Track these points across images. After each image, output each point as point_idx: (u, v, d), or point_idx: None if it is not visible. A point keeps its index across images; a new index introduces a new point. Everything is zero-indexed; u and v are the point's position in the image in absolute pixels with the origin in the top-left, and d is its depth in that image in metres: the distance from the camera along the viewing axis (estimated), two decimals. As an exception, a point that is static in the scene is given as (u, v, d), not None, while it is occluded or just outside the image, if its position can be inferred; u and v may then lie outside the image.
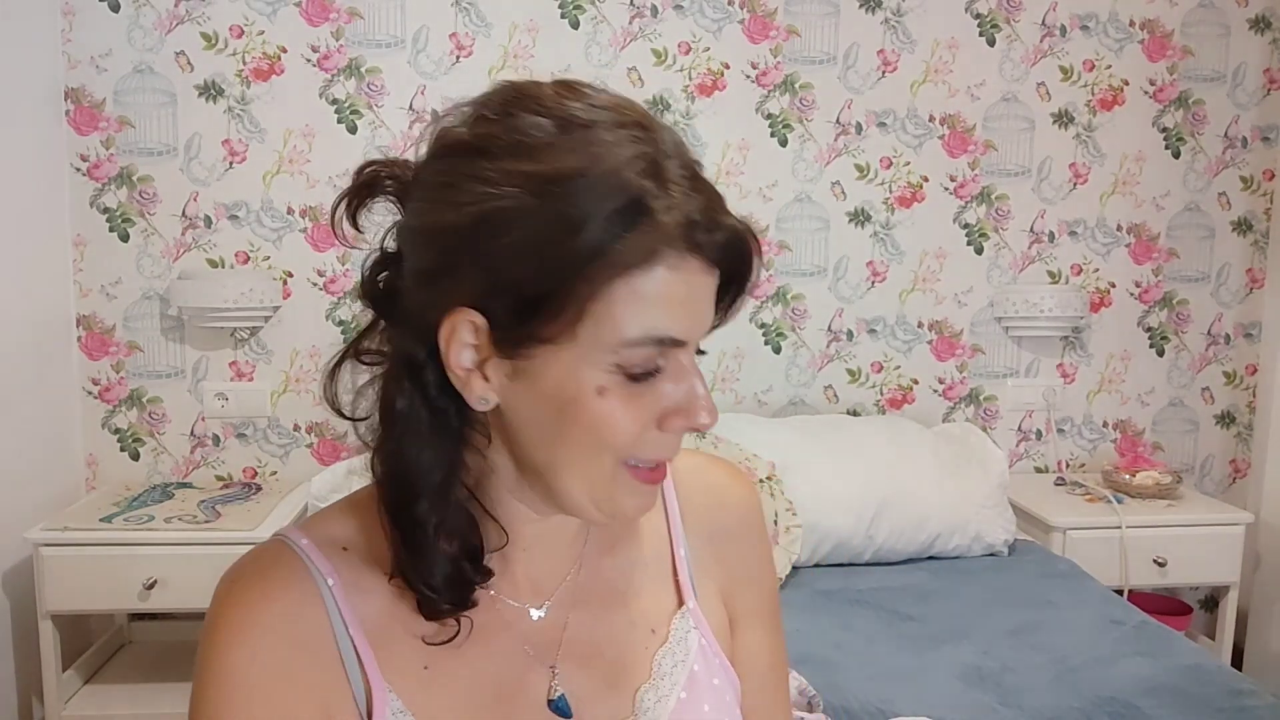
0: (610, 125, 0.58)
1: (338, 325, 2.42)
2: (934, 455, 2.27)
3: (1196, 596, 2.72)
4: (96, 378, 2.39)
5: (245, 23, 2.32)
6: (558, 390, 0.59)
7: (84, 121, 2.31)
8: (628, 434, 0.60)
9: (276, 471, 2.45)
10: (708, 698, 0.71)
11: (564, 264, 0.55)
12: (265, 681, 0.61)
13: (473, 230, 0.57)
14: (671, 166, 0.58)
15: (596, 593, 0.72)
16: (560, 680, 0.68)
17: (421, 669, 0.65)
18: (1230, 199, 2.64)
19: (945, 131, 2.53)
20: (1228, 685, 1.57)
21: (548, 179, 0.55)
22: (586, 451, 0.60)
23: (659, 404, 0.60)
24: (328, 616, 0.63)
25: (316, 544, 0.65)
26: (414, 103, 2.38)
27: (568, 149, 0.56)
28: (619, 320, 0.57)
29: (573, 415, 0.59)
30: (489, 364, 0.60)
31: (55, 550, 2.00)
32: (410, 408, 0.62)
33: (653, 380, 0.60)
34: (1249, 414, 2.72)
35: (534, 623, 0.69)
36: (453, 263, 0.58)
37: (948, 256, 2.57)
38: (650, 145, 0.58)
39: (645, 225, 0.55)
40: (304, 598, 0.63)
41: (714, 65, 2.44)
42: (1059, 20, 2.53)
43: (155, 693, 2.15)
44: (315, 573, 0.64)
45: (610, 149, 0.56)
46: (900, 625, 1.84)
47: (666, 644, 0.72)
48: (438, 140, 0.62)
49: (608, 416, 0.59)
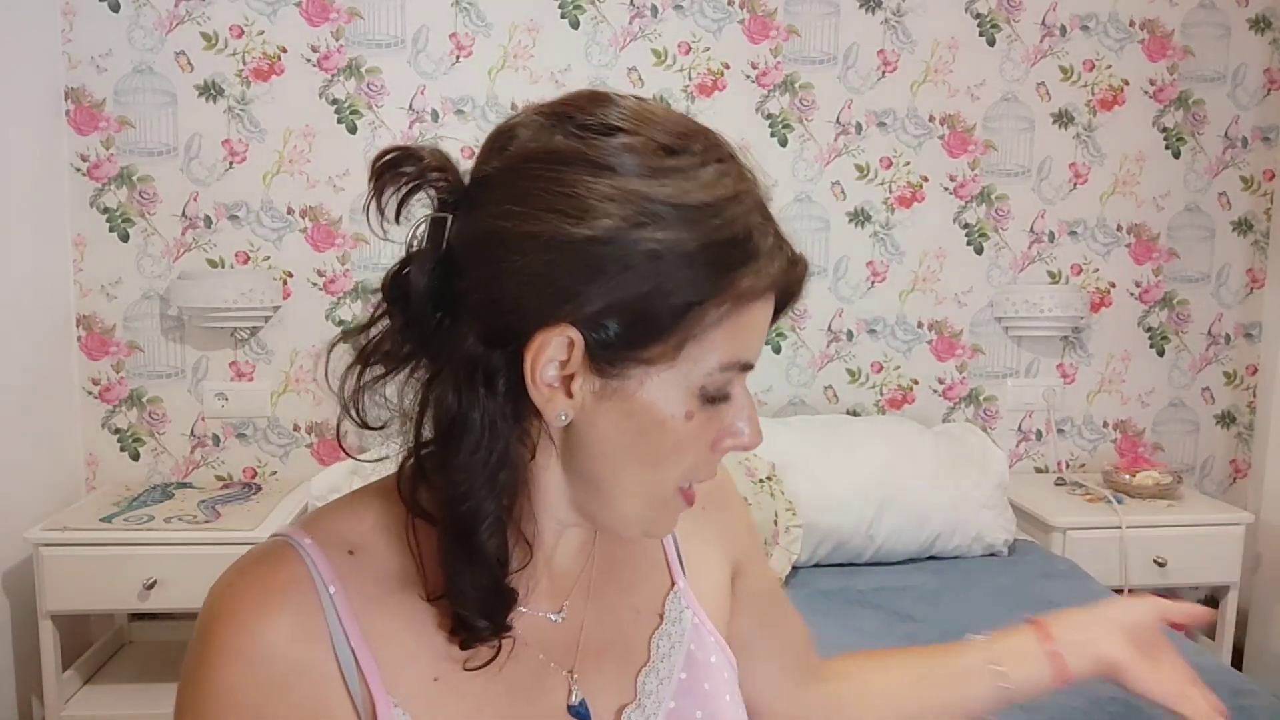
0: (717, 156, 0.59)
1: (338, 325, 2.42)
2: (934, 455, 2.27)
3: (1196, 596, 2.71)
4: (96, 378, 2.39)
5: (245, 23, 2.32)
6: (646, 411, 0.59)
7: (84, 121, 2.31)
8: (696, 456, 0.62)
9: (276, 471, 2.45)
10: (706, 676, 0.72)
11: (687, 292, 0.56)
12: (259, 702, 0.58)
13: (598, 247, 0.55)
14: (766, 204, 0.61)
15: (605, 586, 0.72)
16: (578, 683, 0.67)
17: (431, 681, 0.62)
18: (1230, 199, 2.64)
19: (945, 131, 2.53)
20: (1227, 685, 1.57)
21: (679, 206, 0.56)
22: (656, 473, 0.61)
23: (719, 426, 0.62)
24: (328, 629, 0.60)
25: (321, 545, 0.62)
26: (414, 103, 2.38)
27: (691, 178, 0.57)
28: (719, 347, 0.58)
29: (656, 437, 0.59)
30: (575, 380, 0.58)
31: (55, 550, 2.00)
32: (484, 420, 0.58)
33: (723, 404, 0.61)
34: (1249, 414, 2.72)
35: (553, 626, 0.68)
36: (563, 275, 0.55)
37: (948, 256, 2.57)
38: (750, 183, 0.60)
39: (758, 264, 0.58)
40: (304, 609, 0.60)
41: (714, 65, 2.44)
42: (1059, 20, 2.53)
43: (155, 693, 2.15)
44: (317, 579, 0.61)
45: (728, 184, 0.58)
46: (900, 625, 1.84)
47: (662, 625, 0.72)
48: (530, 144, 0.58)
49: (691, 439, 0.60)
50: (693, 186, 0.56)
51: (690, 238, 0.56)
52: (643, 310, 0.56)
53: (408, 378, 0.62)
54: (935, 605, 1.93)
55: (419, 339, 0.60)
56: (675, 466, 0.62)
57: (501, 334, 0.57)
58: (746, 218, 0.58)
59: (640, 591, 0.74)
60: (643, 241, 0.55)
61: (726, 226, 0.57)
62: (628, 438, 0.60)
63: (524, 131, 0.59)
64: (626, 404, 0.58)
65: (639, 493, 0.62)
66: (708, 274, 0.56)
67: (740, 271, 0.57)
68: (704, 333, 0.57)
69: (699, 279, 0.56)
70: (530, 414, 0.59)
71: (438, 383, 0.59)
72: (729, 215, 0.57)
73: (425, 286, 0.59)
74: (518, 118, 0.61)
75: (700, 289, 0.56)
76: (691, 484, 0.64)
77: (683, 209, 0.56)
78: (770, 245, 0.59)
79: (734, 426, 0.62)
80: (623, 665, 0.70)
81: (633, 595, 0.73)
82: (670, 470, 0.62)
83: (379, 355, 0.62)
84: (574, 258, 0.55)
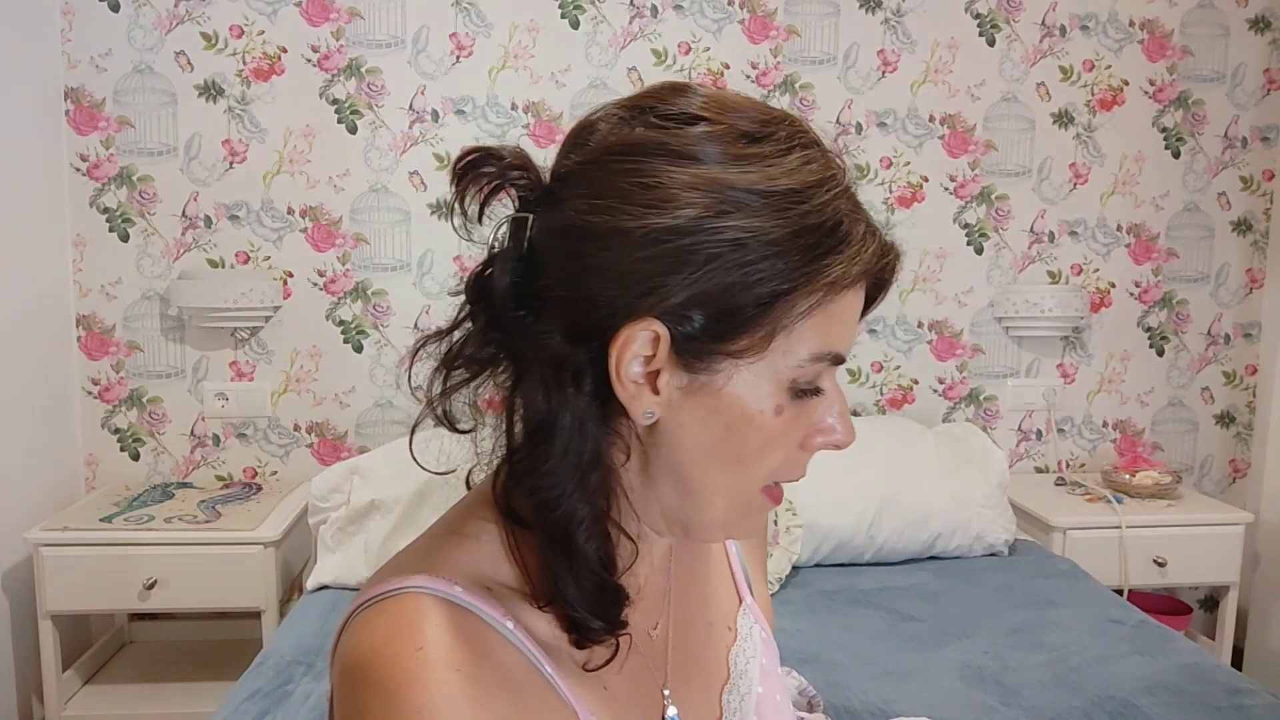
0: (801, 142, 0.58)
1: (338, 325, 2.42)
2: (934, 455, 2.27)
3: (1196, 596, 2.72)
4: (96, 378, 2.39)
5: (245, 23, 2.32)
6: (735, 406, 0.57)
7: (84, 121, 2.31)
8: (786, 454, 0.60)
9: (277, 471, 2.45)
10: (777, 687, 0.73)
11: (775, 281, 0.54)
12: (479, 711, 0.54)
13: (681, 238, 0.54)
14: (854, 192, 0.59)
15: (684, 601, 0.71)
16: (671, 697, 0.67)
17: (603, 689, 0.62)
18: (1230, 199, 2.64)
19: (945, 131, 2.53)
20: (1227, 685, 1.57)
21: (765, 194, 0.54)
22: (744, 471, 0.59)
23: (809, 423, 0.60)
24: (527, 659, 0.58)
25: (469, 591, 0.58)
26: (414, 103, 2.38)
27: (775, 164, 0.55)
28: (808, 338, 0.56)
29: (744, 433, 0.57)
30: (661, 376, 0.56)
31: (55, 550, 2.00)
32: (573, 419, 0.56)
33: (812, 399, 0.59)
34: (1248, 414, 2.72)
35: (650, 641, 0.68)
36: (647, 268, 0.54)
37: (948, 256, 2.57)
38: (838, 169, 0.58)
39: (850, 252, 0.56)
40: (502, 648, 0.57)
41: (714, 65, 2.44)
42: (1059, 20, 2.53)
43: (155, 693, 2.15)
44: (489, 620, 0.57)
45: (814, 169, 0.57)
46: (901, 625, 1.84)
47: (737, 641, 0.73)
48: (611, 137, 0.58)
49: (780, 435, 0.58)
50: (778, 173, 0.55)
51: (776, 225, 0.54)
52: (729, 301, 0.54)
53: (487, 380, 0.60)
54: (936, 605, 1.93)
55: (502, 339, 0.59)
56: (763, 465, 0.59)
57: (586, 330, 0.56)
58: (835, 204, 0.56)
59: (713, 607, 0.74)
60: (727, 230, 0.53)
61: (814, 213, 0.55)
62: (715, 434, 0.57)
63: (604, 125, 0.58)
64: (714, 399, 0.57)
65: (727, 492, 0.60)
66: (796, 262, 0.54)
67: (830, 260, 0.55)
68: (793, 324, 0.55)
69: (787, 268, 0.54)
70: (618, 413, 0.57)
71: (524, 384, 0.57)
72: (817, 202, 0.55)
73: (508, 285, 0.58)
74: (598, 112, 0.60)
75: (789, 278, 0.54)
76: (778, 484, 0.62)
77: (768, 196, 0.54)
78: (861, 233, 0.57)
79: (824, 423, 0.60)
80: (707, 682, 0.70)
81: (708, 610, 0.73)
82: (758, 469, 0.59)
83: (463, 359, 0.60)
84: (657, 249, 0.54)
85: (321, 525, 2.03)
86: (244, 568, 2.01)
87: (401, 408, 2.46)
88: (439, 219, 2.41)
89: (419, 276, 2.42)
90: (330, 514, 2.03)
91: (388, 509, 1.99)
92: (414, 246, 2.41)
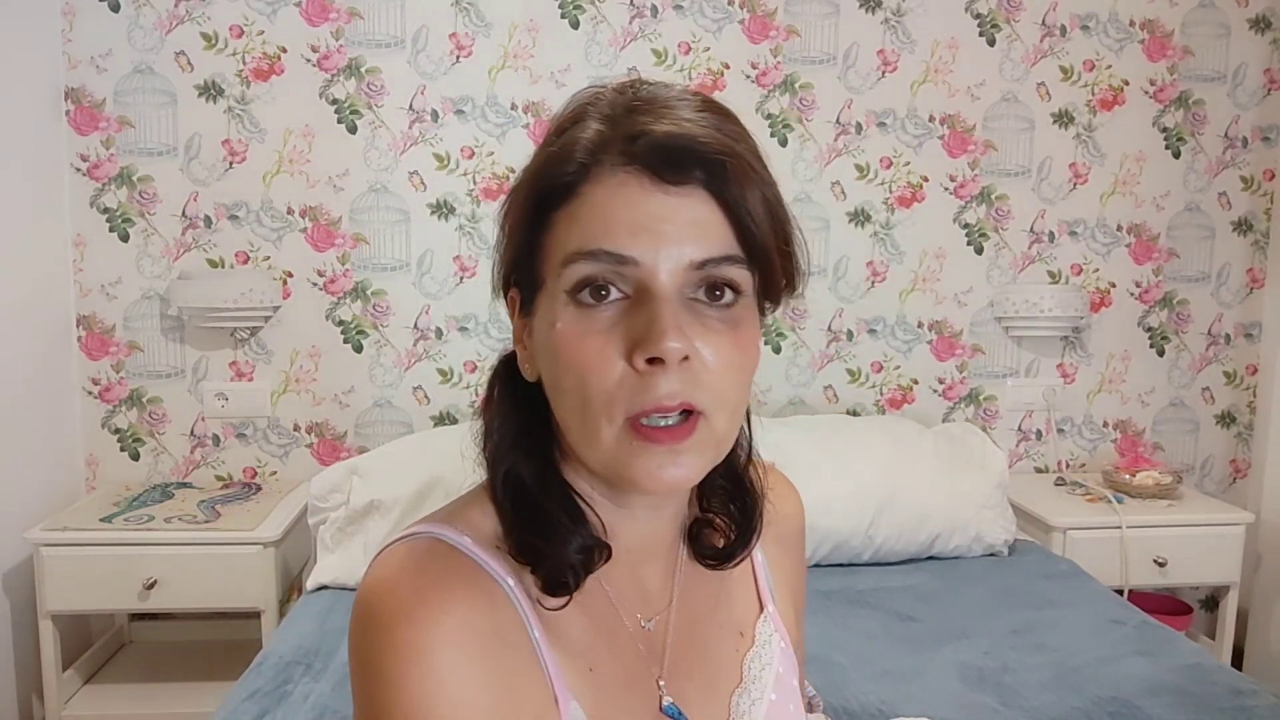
0: (606, 85, 0.64)
1: (337, 325, 2.42)
2: (934, 455, 2.27)
3: (1196, 596, 2.72)
4: (96, 378, 2.39)
5: (245, 23, 2.32)
6: (540, 330, 0.61)
7: (84, 121, 2.31)
8: (592, 369, 0.57)
9: (276, 471, 2.45)
10: (791, 698, 0.73)
11: (525, 210, 0.61)
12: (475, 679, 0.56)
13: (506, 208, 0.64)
14: (627, 98, 0.61)
15: (693, 599, 0.72)
16: (666, 688, 0.68)
17: (588, 671, 0.63)
18: (1230, 199, 2.64)
19: (945, 131, 2.53)
20: (1228, 685, 1.57)
21: (539, 145, 0.63)
22: (575, 401, 0.58)
23: (626, 339, 0.57)
24: (520, 616, 0.60)
25: (479, 542, 0.61)
26: (414, 103, 2.38)
27: (560, 114, 0.64)
28: (561, 243, 0.59)
29: (554, 354, 0.59)
30: (524, 330, 0.64)
31: (55, 550, 2.00)
32: (504, 388, 0.67)
33: (607, 306, 0.57)
34: (1249, 414, 2.72)
35: (646, 633, 0.68)
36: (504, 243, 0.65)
37: (948, 256, 2.57)
38: (625, 87, 0.62)
39: (565, 145, 0.60)
40: (496, 598, 0.59)
41: (714, 65, 2.44)
42: (1059, 20, 2.53)
43: (155, 693, 2.16)
44: (492, 572, 0.60)
45: (588, 100, 0.63)
46: (900, 625, 1.84)
47: (754, 648, 0.73)
48: None
49: (562, 349, 0.58)
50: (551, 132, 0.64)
51: (528, 166, 0.64)
52: (514, 247, 0.63)
53: None
54: (935, 605, 1.93)
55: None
56: (583, 385, 0.57)
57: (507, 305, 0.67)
58: (563, 119, 0.63)
59: (728, 609, 0.74)
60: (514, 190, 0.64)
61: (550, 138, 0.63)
62: (546, 363, 0.61)
63: None
64: (537, 334, 0.62)
65: (577, 429, 0.59)
66: (534, 186, 0.61)
67: (551, 165, 0.60)
68: (548, 238, 0.60)
69: (529, 194, 0.62)
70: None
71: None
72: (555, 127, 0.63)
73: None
74: None
75: (531, 202, 0.61)
76: (647, 420, 0.57)
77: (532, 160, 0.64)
78: (583, 131, 0.60)
79: (642, 334, 0.56)
80: (714, 682, 0.70)
81: (719, 612, 0.73)
82: (582, 394, 0.57)
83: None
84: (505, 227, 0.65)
85: (321, 525, 2.03)
86: (244, 568, 2.01)
87: (401, 408, 2.46)
88: (439, 219, 2.41)
89: (419, 276, 2.42)
90: (330, 514, 2.03)
91: (387, 509, 1.99)
92: (414, 246, 2.41)
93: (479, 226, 2.41)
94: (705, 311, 0.58)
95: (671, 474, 0.58)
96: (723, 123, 0.60)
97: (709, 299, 0.58)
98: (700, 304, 0.58)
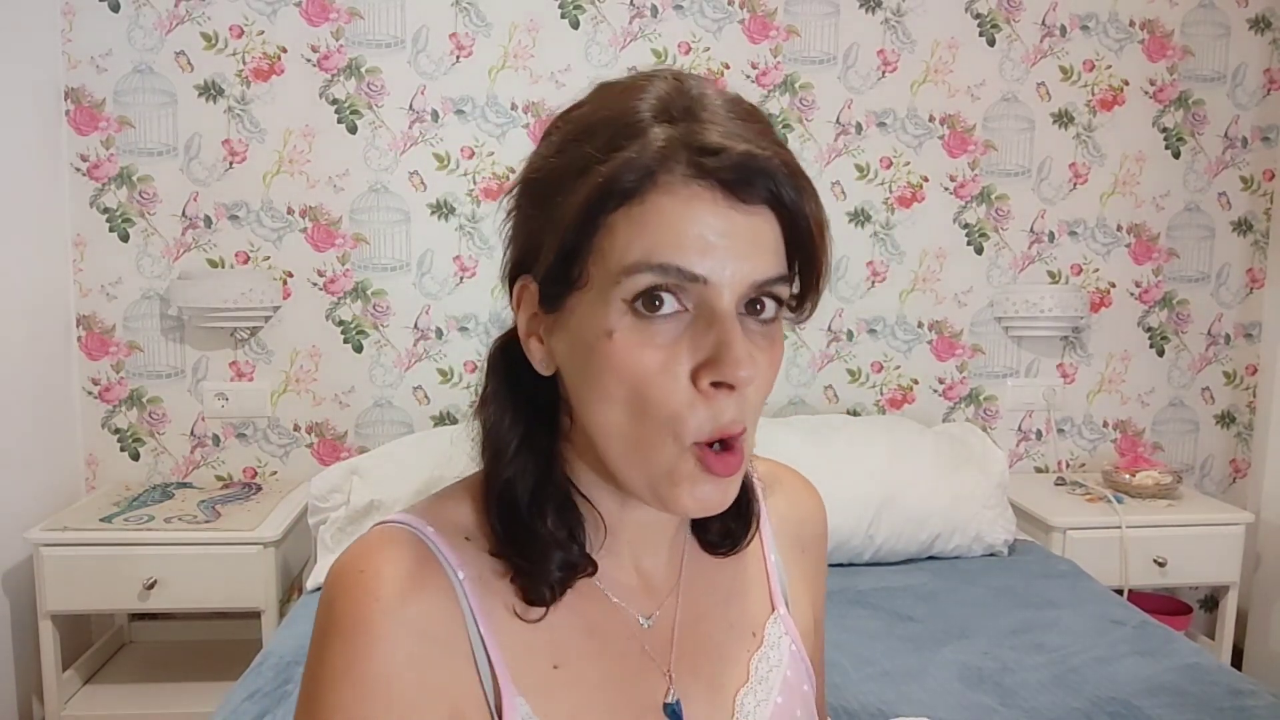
0: (642, 82, 0.59)
1: (338, 325, 2.42)
2: (934, 455, 2.27)
3: (1196, 596, 2.72)
4: (96, 378, 2.39)
5: (245, 23, 2.32)
6: (580, 336, 0.58)
7: (84, 121, 2.31)
8: (654, 384, 0.56)
9: (276, 471, 2.45)
10: (799, 702, 0.72)
11: (573, 204, 0.57)
12: (407, 687, 0.57)
13: (519, 196, 0.62)
14: (683, 100, 0.57)
15: (700, 593, 0.71)
16: (674, 684, 0.67)
17: (551, 669, 0.63)
18: (1230, 199, 2.64)
19: (945, 131, 2.53)
20: (1228, 685, 1.57)
21: (567, 135, 0.59)
22: (628, 412, 0.57)
23: (691, 357, 0.56)
24: (461, 613, 0.60)
25: (442, 533, 0.62)
26: (414, 103, 2.38)
27: (593, 105, 0.60)
28: (620, 249, 0.56)
29: (595, 364, 0.57)
30: (543, 325, 0.61)
31: (55, 550, 2.00)
32: (503, 388, 0.64)
33: (666, 319, 0.56)
34: (1249, 414, 2.72)
35: (645, 630, 0.68)
36: (512, 231, 0.63)
37: (948, 256, 2.57)
38: (670, 87, 0.58)
39: (636, 148, 0.55)
40: (441, 593, 0.60)
41: (714, 65, 2.44)
42: (1059, 20, 2.53)
43: (155, 693, 2.16)
44: (445, 565, 0.61)
45: (630, 96, 0.58)
46: (900, 625, 1.84)
47: (762, 648, 0.73)
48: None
49: (631, 361, 0.56)
50: (588, 114, 0.60)
51: (573, 155, 0.59)
52: (546, 235, 0.59)
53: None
54: (935, 605, 1.93)
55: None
56: (652, 400, 0.56)
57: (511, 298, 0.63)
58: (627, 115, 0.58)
59: (738, 608, 0.73)
60: (539, 174, 0.60)
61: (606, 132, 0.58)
62: (578, 368, 0.59)
63: None
64: (569, 334, 0.59)
65: (623, 439, 0.58)
66: (590, 181, 0.57)
67: (617, 166, 0.55)
68: (605, 240, 0.56)
69: (582, 188, 0.57)
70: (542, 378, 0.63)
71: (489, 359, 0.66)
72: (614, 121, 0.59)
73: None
74: None
75: (584, 198, 0.56)
76: (718, 445, 0.57)
77: (570, 136, 0.60)
78: (658, 136, 0.56)
79: (711, 356, 0.55)
80: (719, 680, 0.70)
81: (729, 610, 0.73)
82: (648, 405, 0.56)
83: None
84: (510, 212, 0.63)
85: (321, 525, 2.03)
86: (244, 568, 2.01)
87: (401, 408, 2.46)
88: (439, 219, 2.41)
89: (419, 276, 2.42)
90: (330, 514, 2.03)
91: (387, 509, 1.99)
92: (414, 246, 2.41)
93: (479, 226, 2.41)
94: (750, 326, 0.58)
95: (718, 503, 0.59)
96: (772, 131, 0.60)
97: (749, 311, 0.58)
98: (744, 317, 0.58)
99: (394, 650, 0.57)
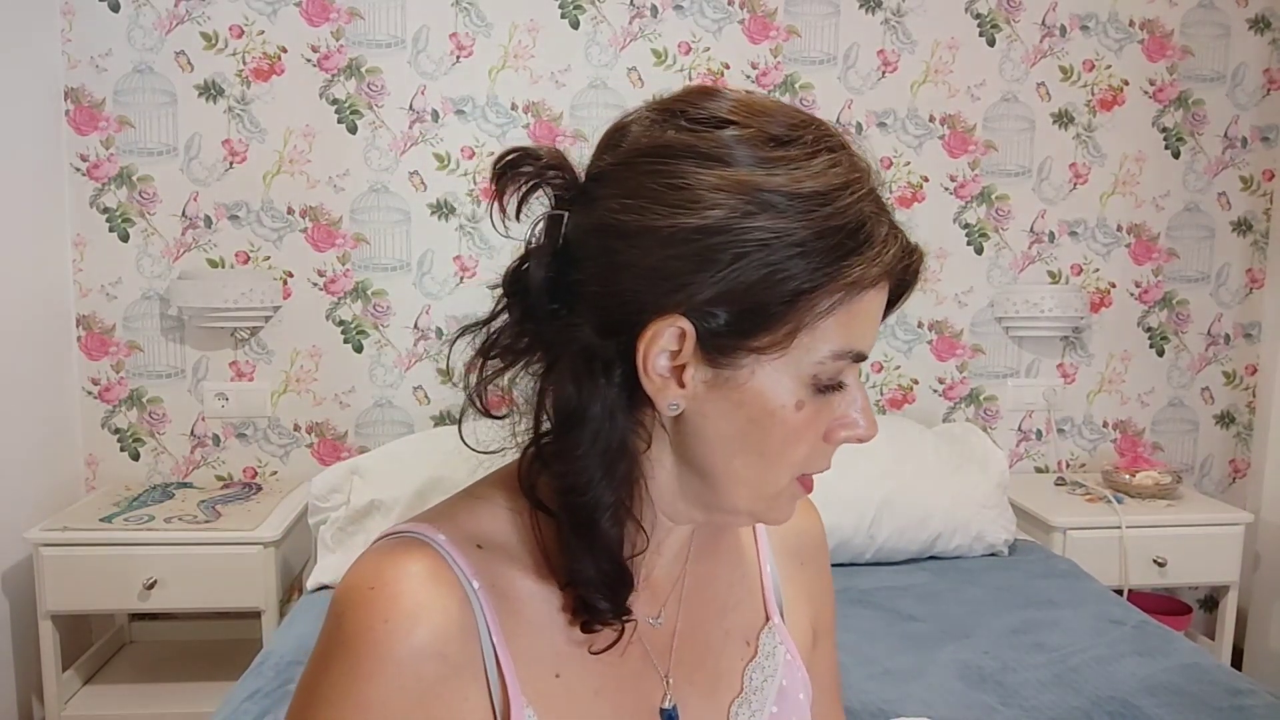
0: (828, 145, 0.59)
1: (338, 325, 2.42)
2: (934, 455, 2.27)
3: (1196, 596, 2.72)
4: (96, 378, 2.39)
5: (245, 23, 2.32)
6: (757, 400, 0.59)
7: (84, 121, 2.31)
8: (810, 447, 0.61)
9: (277, 471, 2.45)
10: (794, 712, 0.72)
11: (799, 280, 0.56)
12: (409, 714, 0.57)
13: (709, 237, 0.55)
14: (880, 193, 0.61)
15: (698, 598, 0.72)
16: (671, 686, 0.67)
17: (553, 678, 0.63)
18: (1230, 199, 2.64)
19: (945, 131, 2.53)
20: (1227, 685, 1.57)
21: (791, 196, 0.56)
22: (767, 463, 0.61)
23: (831, 416, 0.62)
24: (475, 624, 0.60)
25: (455, 542, 0.62)
26: (414, 103, 2.38)
27: (801, 167, 0.57)
28: (830, 336, 0.58)
29: (766, 427, 0.59)
30: (687, 370, 0.58)
31: (55, 550, 2.00)
32: (604, 410, 0.59)
33: (835, 394, 0.61)
34: (1249, 414, 2.72)
35: (651, 628, 0.68)
36: (675, 266, 0.56)
37: (948, 256, 2.57)
38: (863, 171, 0.60)
39: (871, 253, 0.58)
40: (456, 604, 0.59)
41: (714, 65, 2.44)
42: (1059, 20, 2.53)
43: (155, 693, 2.16)
44: (460, 575, 0.60)
45: (839, 172, 0.58)
46: (901, 625, 1.84)
47: (756, 658, 0.73)
48: (643, 139, 0.60)
49: (802, 429, 0.60)
50: (803, 175, 0.57)
51: (801, 226, 0.56)
52: (753, 299, 0.56)
53: (522, 371, 0.63)
54: (936, 605, 1.93)
55: (536, 331, 0.61)
56: (787, 457, 0.61)
57: (616, 325, 0.58)
58: (858, 205, 0.58)
59: (733, 616, 0.73)
60: (753, 231, 0.55)
61: (838, 215, 0.57)
62: (738, 427, 0.60)
63: (636, 128, 0.61)
64: (737, 393, 0.59)
65: (750, 482, 0.62)
66: (819, 263, 0.56)
67: (852, 260, 0.57)
68: (815, 321, 0.57)
69: (810, 268, 0.56)
70: (644, 404, 0.60)
71: (555, 374, 0.60)
72: (840, 204, 0.57)
73: (542, 279, 0.60)
74: (631, 115, 0.62)
75: (811, 277, 0.56)
76: (810, 474, 0.64)
77: (793, 198, 0.56)
78: (884, 234, 0.59)
79: (848, 417, 0.62)
80: (713, 688, 0.70)
81: (725, 618, 0.73)
82: (782, 461, 0.61)
83: (499, 349, 0.63)
84: (685, 248, 0.56)
85: (321, 525, 2.03)
86: (244, 568, 2.01)
87: (401, 408, 2.46)
88: (439, 219, 2.41)
89: (419, 276, 2.42)
90: (330, 514, 2.03)
91: (388, 509, 1.99)
92: (414, 246, 2.41)
93: (479, 227, 2.41)
94: None
95: (794, 512, 0.66)
96: None
97: None
98: None
99: (399, 676, 0.56)
